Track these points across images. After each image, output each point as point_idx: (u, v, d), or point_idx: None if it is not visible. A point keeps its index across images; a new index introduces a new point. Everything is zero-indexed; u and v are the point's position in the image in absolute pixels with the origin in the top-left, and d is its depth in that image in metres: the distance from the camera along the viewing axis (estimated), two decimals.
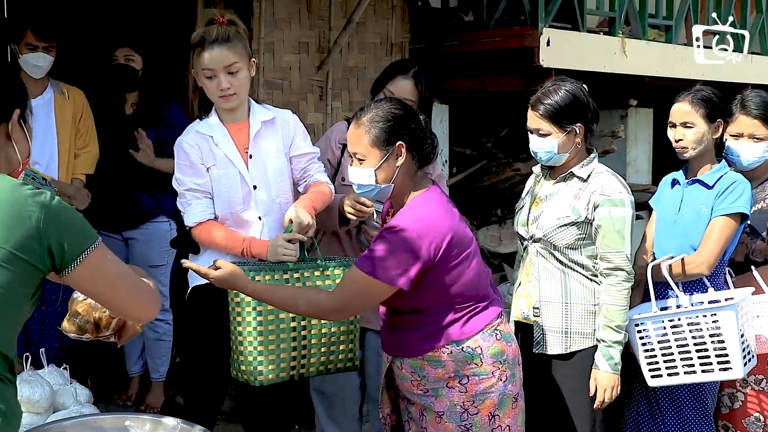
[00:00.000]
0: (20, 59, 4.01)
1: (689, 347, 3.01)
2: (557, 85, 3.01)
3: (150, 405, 4.45)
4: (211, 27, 2.94)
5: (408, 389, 2.71)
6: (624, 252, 2.95)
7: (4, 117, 1.94)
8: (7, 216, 1.81)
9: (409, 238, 2.50)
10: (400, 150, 2.59)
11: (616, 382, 2.97)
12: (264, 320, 2.76)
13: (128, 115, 4.30)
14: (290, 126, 3.12)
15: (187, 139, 3.04)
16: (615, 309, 2.94)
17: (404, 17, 5.32)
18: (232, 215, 3.02)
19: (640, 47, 6.29)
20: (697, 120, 3.23)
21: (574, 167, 3.04)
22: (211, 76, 2.93)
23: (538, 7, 5.41)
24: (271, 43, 4.73)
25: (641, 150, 7.36)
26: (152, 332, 4.42)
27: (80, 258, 1.87)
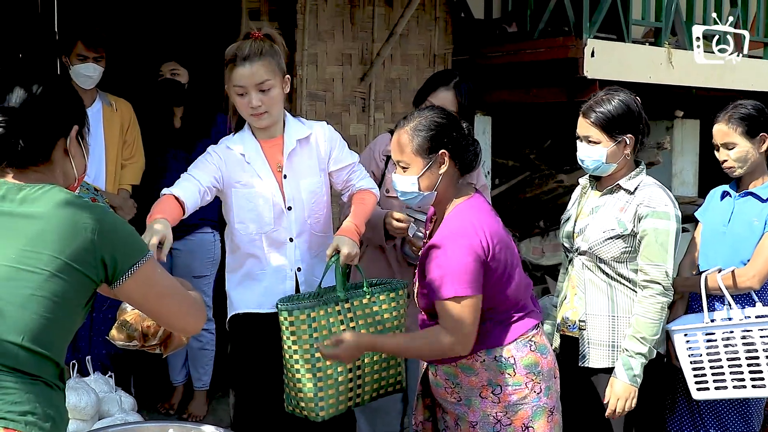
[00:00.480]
0: (71, 70, 4.09)
1: (740, 361, 2.96)
2: (611, 94, 2.99)
3: (192, 413, 4.48)
4: (245, 42, 2.88)
5: (442, 396, 2.72)
6: (664, 266, 2.89)
7: (62, 132, 2.00)
8: (64, 227, 1.86)
9: (463, 242, 2.52)
10: (443, 158, 2.60)
11: (632, 393, 2.90)
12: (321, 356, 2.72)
13: (177, 129, 4.36)
14: (326, 141, 3.03)
15: (217, 149, 2.97)
16: (645, 321, 2.90)
17: (447, 29, 5.33)
18: (262, 235, 2.95)
19: (687, 57, 6.21)
20: (736, 139, 3.18)
21: (621, 179, 3.01)
22: (242, 93, 2.86)
23: (583, 17, 5.38)
24: (314, 54, 4.76)
25: (687, 162, 7.26)
26: (196, 341, 4.45)
27: (131, 270, 1.93)
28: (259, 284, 2.97)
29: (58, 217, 1.87)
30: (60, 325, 1.89)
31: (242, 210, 2.94)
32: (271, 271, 2.96)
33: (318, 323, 2.75)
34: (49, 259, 1.84)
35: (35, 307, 1.84)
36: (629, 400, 2.90)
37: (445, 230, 2.59)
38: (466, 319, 2.52)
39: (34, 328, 1.84)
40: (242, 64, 2.83)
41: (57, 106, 1.99)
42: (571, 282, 3.09)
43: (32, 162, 1.95)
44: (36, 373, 1.85)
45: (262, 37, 2.88)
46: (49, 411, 1.85)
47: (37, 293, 1.84)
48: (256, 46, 2.85)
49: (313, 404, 2.73)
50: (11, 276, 1.83)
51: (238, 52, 2.85)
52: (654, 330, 2.90)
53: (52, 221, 1.86)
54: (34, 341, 1.84)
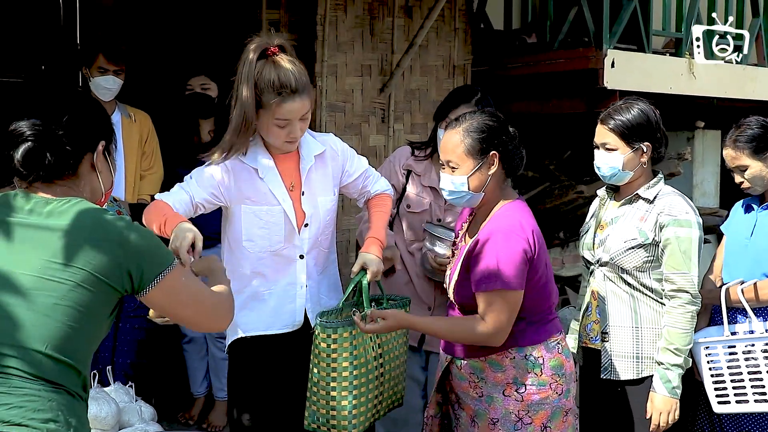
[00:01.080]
0: (91, 82, 4.14)
1: (762, 374, 2.93)
2: (629, 103, 3.00)
3: (213, 424, 4.49)
4: (287, 75, 2.68)
5: (464, 390, 2.74)
6: (689, 274, 2.88)
7: (89, 147, 2.03)
8: (90, 240, 1.89)
9: (514, 238, 2.59)
10: (493, 160, 2.67)
11: (673, 406, 2.89)
12: (358, 373, 2.72)
13: (206, 142, 4.36)
14: (339, 156, 2.96)
15: (226, 161, 2.81)
16: (676, 332, 2.88)
17: (466, 40, 5.33)
18: (271, 253, 2.85)
19: (708, 68, 6.17)
20: (746, 161, 3.19)
21: (639, 189, 3.00)
22: (285, 125, 2.73)
23: (603, 28, 5.37)
24: (334, 66, 4.78)
25: (708, 172, 7.21)
26: (220, 352, 4.46)
27: (156, 280, 1.96)
28: (266, 305, 2.88)
29: (84, 230, 1.90)
30: (84, 334, 1.91)
31: (252, 227, 2.83)
32: (279, 290, 2.88)
33: (357, 341, 2.73)
34: (74, 270, 1.87)
35: (59, 316, 1.86)
36: (672, 413, 2.89)
37: (494, 226, 2.65)
38: (507, 313, 2.58)
39: (58, 337, 1.86)
40: (292, 99, 2.68)
41: (84, 121, 2.03)
42: (593, 294, 3.07)
43: (59, 176, 1.98)
44: (59, 381, 1.87)
45: (278, 51, 2.74)
46: (71, 419, 1.86)
47: (61, 302, 1.86)
48: (300, 72, 2.71)
49: (346, 421, 2.71)
50: (36, 286, 1.86)
51: (285, 86, 2.67)
52: (687, 340, 2.88)
53: (78, 234, 1.89)
54: (58, 350, 1.86)
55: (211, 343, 4.47)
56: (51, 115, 1.97)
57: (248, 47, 2.73)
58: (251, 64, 2.68)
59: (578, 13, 5.56)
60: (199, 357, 4.52)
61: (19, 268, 1.87)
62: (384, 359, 2.85)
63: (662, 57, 6.01)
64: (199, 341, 4.50)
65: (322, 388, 2.72)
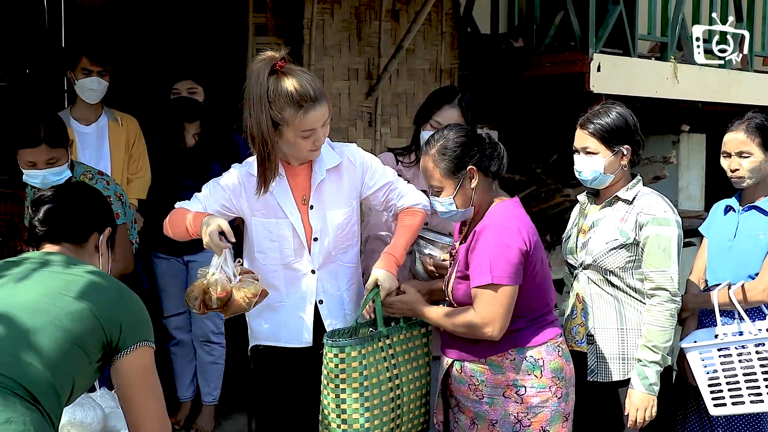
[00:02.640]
0: (76, 85, 4.13)
1: (757, 375, 2.95)
2: (607, 107, 3.02)
3: (200, 428, 4.47)
4: (302, 85, 2.61)
5: (464, 393, 2.75)
6: (668, 272, 2.90)
7: (97, 228, 2.31)
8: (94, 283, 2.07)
9: (508, 234, 2.63)
10: (471, 174, 2.70)
11: (651, 402, 2.90)
12: (370, 394, 2.69)
13: (191, 146, 4.35)
14: (356, 168, 2.87)
15: (239, 174, 2.81)
16: (655, 329, 2.89)
17: (453, 44, 5.34)
18: (282, 266, 2.83)
19: (693, 72, 6.22)
20: (753, 149, 3.18)
21: (619, 191, 3.02)
22: (310, 135, 2.67)
23: (589, 32, 5.40)
24: (321, 69, 4.78)
25: (693, 176, 7.25)
26: (208, 355, 4.45)
27: (138, 345, 2.05)
28: (278, 316, 2.86)
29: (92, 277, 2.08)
30: (71, 362, 1.95)
31: (263, 239, 2.82)
32: (291, 304, 2.84)
33: (368, 360, 2.71)
34: (75, 301, 1.99)
35: (55, 334, 1.93)
36: (649, 410, 2.90)
37: (487, 221, 2.68)
38: (499, 307, 2.61)
39: (49, 354, 1.91)
40: (313, 107, 2.62)
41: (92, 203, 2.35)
42: (577, 298, 3.08)
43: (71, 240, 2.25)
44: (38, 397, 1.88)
45: (285, 63, 2.64)
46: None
47: (56, 322, 1.94)
48: (315, 80, 2.66)
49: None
50: (39, 307, 1.97)
51: (304, 96, 2.61)
52: (665, 337, 2.89)
53: (85, 278, 2.06)
54: (48, 366, 1.90)
55: (198, 347, 4.45)
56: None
57: (253, 67, 2.64)
58: (262, 84, 2.59)
59: (564, 17, 5.59)
60: (186, 360, 4.50)
61: (27, 294, 2.00)
62: (400, 380, 2.80)
63: (648, 61, 6.05)
64: (186, 345, 4.49)
65: (333, 410, 2.68)
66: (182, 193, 4.29)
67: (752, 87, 6.73)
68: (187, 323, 4.47)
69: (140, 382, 2.06)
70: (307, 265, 2.83)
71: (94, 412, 3.20)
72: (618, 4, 5.60)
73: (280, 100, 2.59)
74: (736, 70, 6.71)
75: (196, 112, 4.30)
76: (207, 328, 4.40)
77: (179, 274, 4.39)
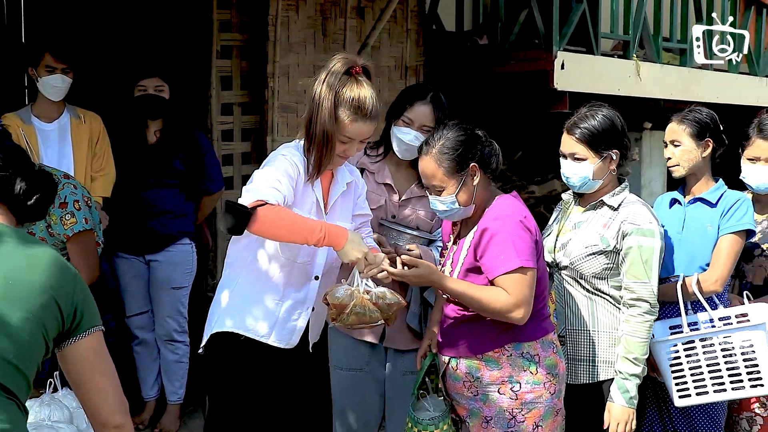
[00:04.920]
0: (39, 82, 4.06)
1: (720, 365, 2.99)
2: (593, 110, 2.97)
3: (165, 428, 4.43)
4: (366, 96, 2.68)
5: (458, 391, 2.76)
6: (649, 283, 2.88)
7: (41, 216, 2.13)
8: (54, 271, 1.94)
9: (522, 223, 2.65)
10: (474, 171, 2.70)
11: (630, 416, 2.88)
12: None
13: (152, 143, 4.32)
14: (359, 188, 2.96)
15: (297, 161, 2.72)
16: (635, 341, 2.88)
17: (419, 41, 5.35)
18: (295, 265, 2.75)
19: (655, 70, 6.30)
20: (683, 138, 3.25)
21: (605, 196, 2.99)
22: (346, 142, 2.71)
23: (553, 30, 5.44)
24: (286, 66, 4.76)
25: (656, 173, 7.34)
26: (172, 354, 4.41)
27: (91, 330, 1.98)
28: (272, 314, 2.77)
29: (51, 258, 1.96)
30: (36, 351, 1.90)
31: None
32: (288, 305, 2.78)
33: None
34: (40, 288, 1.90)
35: (26, 326, 1.87)
36: (629, 423, 2.88)
37: (494, 214, 2.68)
38: (529, 289, 2.60)
39: (22, 346, 1.86)
40: (364, 121, 2.69)
41: None
42: (551, 297, 3.08)
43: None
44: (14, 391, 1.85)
45: (361, 73, 2.71)
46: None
47: (28, 315, 1.88)
48: (375, 98, 2.71)
49: None
50: (10, 294, 1.88)
51: (362, 107, 2.68)
52: (645, 349, 2.89)
53: (45, 259, 1.95)
54: (20, 360, 1.86)
55: (162, 346, 4.41)
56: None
57: (334, 59, 2.73)
58: (336, 75, 2.68)
59: (529, 15, 5.63)
60: (150, 359, 4.46)
61: None
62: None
63: (611, 59, 6.11)
64: (149, 344, 4.45)
65: None
66: (144, 192, 4.30)
67: (712, 85, 6.84)
68: (150, 322, 4.43)
69: (95, 362, 2.00)
70: (315, 269, 2.79)
71: (61, 413, 3.17)
72: (581, 2, 5.66)
73: (341, 97, 2.67)
74: (696, 68, 6.81)
75: (162, 109, 4.27)
76: (170, 327, 4.36)
77: (141, 274, 4.35)
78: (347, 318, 2.59)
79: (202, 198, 4.45)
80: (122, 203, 4.28)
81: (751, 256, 3.35)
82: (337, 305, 2.60)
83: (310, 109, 2.74)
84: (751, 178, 3.37)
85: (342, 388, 3.35)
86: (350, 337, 3.28)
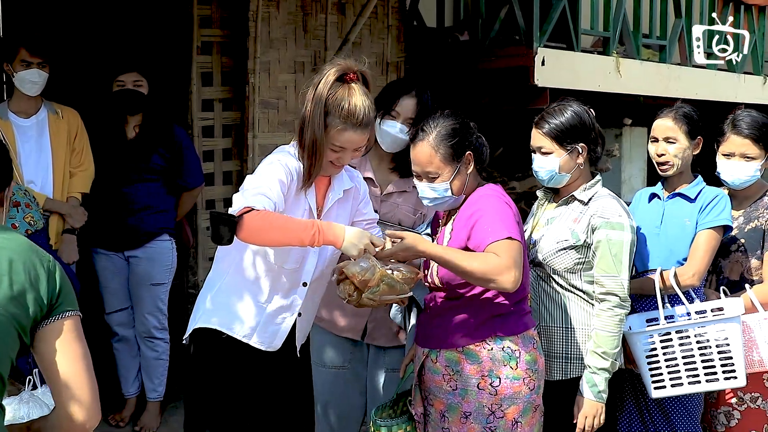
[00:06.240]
0: (15, 77, 4.02)
1: (695, 358, 3.02)
2: (562, 105, 3.01)
3: (146, 426, 4.42)
4: (357, 105, 2.64)
5: (437, 384, 2.74)
6: (619, 277, 2.90)
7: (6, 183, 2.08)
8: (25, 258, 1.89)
9: (507, 202, 2.71)
10: (468, 159, 2.73)
11: (599, 410, 2.90)
12: None
13: (131, 139, 4.30)
14: (360, 195, 2.91)
15: (290, 165, 2.68)
16: (605, 335, 2.90)
17: (400, 37, 5.35)
18: (284, 271, 2.73)
19: (635, 67, 6.33)
20: (679, 136, 3.28)
21: (576, 191, 3.02)
22: (337, 151, 2.68)
23: (533, 27, 5.45)
24: (266, 62, 4.75)
25: (636, 168, 7.39)
26: (152, 351, 4.40)
27: (70, 312, 1.92)
28: (255, 315, 2.75)
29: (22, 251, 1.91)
30: (10, 347, 1.86)
31: None
32: (273, 311, 2.75)
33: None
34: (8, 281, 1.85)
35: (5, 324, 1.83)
36: (597, 417, 2.90)
37: (482, 194, 2.71)
38: (519, 257, 2.57)
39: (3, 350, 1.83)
40: (354, 130, 2.64)
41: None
42: None
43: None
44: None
45: (357, 80, 2.66)
46: None
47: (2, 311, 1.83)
48: (369, 108, 2.67)
49: None
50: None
51: (352, 116, 2.63)
52: (614, 343, 2.91)
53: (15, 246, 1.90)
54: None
55: (142, 343, 4.40)
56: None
57: (330, 65, 2.69)
58: (327, 83, 2.64)
59: (509, 11, 5.64)
60: (130, 356, 4.45)
61: None
62: None
63: (591, 55, 6.14)
64: (129, 341, 4.43)
65: None
66: (125, 188, 4.28)
67: (690, 82, 6.89)
68: (130, 319, 4.42)
69: (70, 349, 1.93)
70: (304, 275, 2.76)
71: (40, 410, 3.14)
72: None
73: (331, 105, 2.64)
74: (675, 65, 6.85)
75: (140, 104, 4.25)
76: (149, 323, 4.35)
77: (120, 270, 4.34)
78: (376, 289, 2.53)
79: (182, 194, 4.44)
80: (101, 199, 4.26)
81: (728, 251, 3.39)
82: (361, 280, 2.52)
83: (302, 116, 2.69)
84: (726, 174, 3.41)
85: (323, 385, 3.35)
86: (332, 334, 3.28)
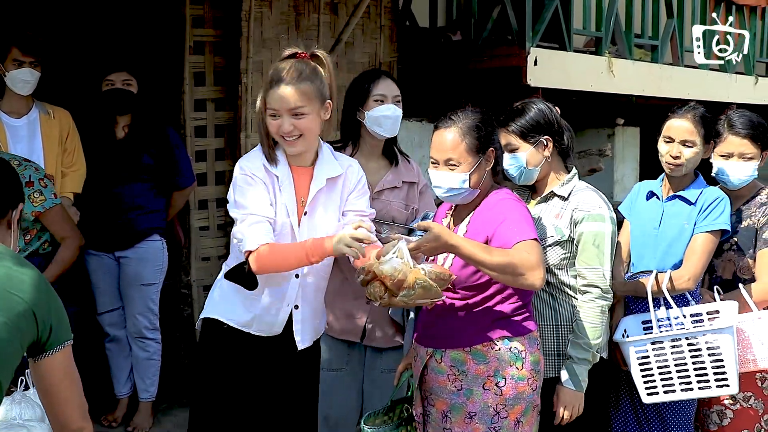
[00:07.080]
0: (7, 77, 4.01)
1: (687, 365, 3.03)
2: (524, 103, 3.05)
3: (138, 426, 4.40)
4: (285, 63, 2.71)
5: (441, 384, 2.73)
6: (601, 269, 2.92)
7: (12, 204, 2.15)
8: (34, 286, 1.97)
9: (523, 206, 2.73)
10: (490, 156, 2.72)
11: (579, 400, 2.91)
12: None
13: (121, 138, 4.29)
14: (350, 184, 2.87)
15: (256, 173, 2.73)
16: (586, 326, 2.92)
17: (392, 37, 5.35)
18: None
19: (627, 67, 6.34)
20: (698, 140, 3.24)
21: (554, 187, 3.03)
22: (274, 115, 2.69)
23: (526, 27, 5.46)
24: (259, 62, 4.74)
25: (628, 168, 7.41)
26: (143, 351, 4.39)
27: (64, 345, 2.01)
28: (253, 306, 2.81)
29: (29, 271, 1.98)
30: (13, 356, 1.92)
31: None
32: (267, 302, 2.80)
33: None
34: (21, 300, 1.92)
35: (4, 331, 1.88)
36: (577, 407, 2.92)
37: (498, 198, 2.71)
38: (543, 260, 2.61)
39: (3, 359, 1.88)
40: (277, 86, 2.67)
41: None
42: None
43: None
44: None
45: (308, 58, 2.72)
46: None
47: (9, 322, 1.89)
48: (297, 68, 2.69)
49: None
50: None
51: (276, 74, 2.69)
52: (596, 334, 2.93)
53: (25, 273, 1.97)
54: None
55: (133, 343, 4.38)
56: None
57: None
58: (275, 65, 2.72)
59: (502, 11, 5.65)
60: (122, 357, 4.43)
61: None
62: None
63: (583, 55, 6.15)
64: (121, 341, 4.42)
65: None
66: (115, 188, 4.27)
67: (682, 81, 6.91)
68: (122, 320, 4.40)
69: (65, 376, 2.04)
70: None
71: (32, 411, 3.15)
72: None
73: (266, 79, 2.73)
74: (667, 65, 6.87)
75: (130, 104, 4.24)
76: (140, 324, 4.34)
77: (111, 271, 4.33)
78: (412, 292, 2.46)
79: (173, 193, 4.43)
80: (92, 199, 4.25)
81: (721, 250, 3.39)
82: (395, 282, 2.45)
83: None
84: (725, 175, 3.38)
85: (321, 387, 3.35)
86: (330, 337, 3.27)
